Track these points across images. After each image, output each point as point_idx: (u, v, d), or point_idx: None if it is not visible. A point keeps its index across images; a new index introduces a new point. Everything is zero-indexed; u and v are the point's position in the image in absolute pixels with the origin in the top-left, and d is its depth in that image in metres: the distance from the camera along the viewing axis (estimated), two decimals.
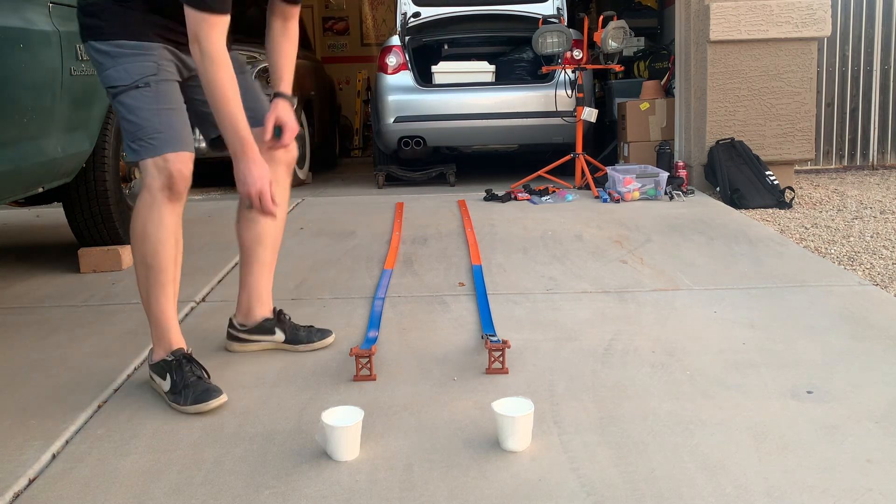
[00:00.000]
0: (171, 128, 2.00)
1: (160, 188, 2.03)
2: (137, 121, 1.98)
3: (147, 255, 2.00)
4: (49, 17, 2.83)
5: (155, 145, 1.98)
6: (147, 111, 1.98)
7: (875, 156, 6.18)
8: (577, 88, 5.17)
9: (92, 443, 1.81)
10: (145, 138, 1.99)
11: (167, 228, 2.02)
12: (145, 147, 1.99)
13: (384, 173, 5.80)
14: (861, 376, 2.07)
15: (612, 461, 1.67)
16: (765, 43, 4.94)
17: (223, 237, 3.84)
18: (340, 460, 1.70)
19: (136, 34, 2.00)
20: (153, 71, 2.00)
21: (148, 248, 2.00)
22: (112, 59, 1.99)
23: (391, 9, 9.75)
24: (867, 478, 1.58)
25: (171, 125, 2.00)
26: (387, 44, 5.83)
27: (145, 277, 2.02)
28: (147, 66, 2.00)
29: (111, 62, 2.00)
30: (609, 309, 2.65)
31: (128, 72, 1.98)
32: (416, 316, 2.64)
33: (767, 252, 3.33)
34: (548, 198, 4.64)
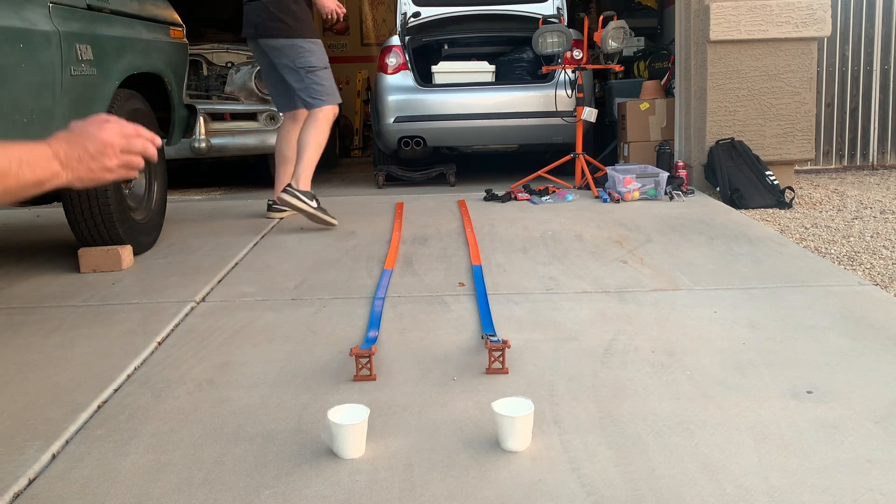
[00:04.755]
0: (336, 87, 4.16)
1: (334, 116, 4.10)
2: (329, 84, 4.07)
3: (321, 143, 4.02)
4: (49, 17, 2.83)
5: (335, 96, 4.10)
6: (331, 80, 4.11)
7: (875, 156, 6.18)
8: (577, 88, 5.17)
9: (92, 443, 1.81)
10: (333, 93, 4.09)
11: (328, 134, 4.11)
12: (333, 97, 4.08)
13: (384, 173, 5.80)
14: (861, 376, 2.07)
15: (612, 461, 1.67)
16: (765, 43, 4.94)
17: (223, 237, 3.85)
18: (347, 458, 1.70)
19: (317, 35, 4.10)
20: (328, 60, 4.10)
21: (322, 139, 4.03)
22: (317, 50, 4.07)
23: (391, 9, 9.75)
24: (867, 478, 1.58)
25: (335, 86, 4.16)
26: (387, 44, 5.83)
27: (317, 153, 4.02)
28: (325, 56, 4.10)
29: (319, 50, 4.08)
30: (609, 309, 2.65)
31: (322, 59, 4.08)
32: (416, 316, 2.64)
33: (767, 252, 3.33)
34: (548, 198, 4.64)
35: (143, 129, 1.25)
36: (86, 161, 1.20)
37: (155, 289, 3.01)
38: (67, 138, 1.20)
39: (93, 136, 1.20)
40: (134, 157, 1.23)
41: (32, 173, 1.15)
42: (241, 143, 5.66)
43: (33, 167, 1.15)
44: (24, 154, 1.15)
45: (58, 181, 1.19)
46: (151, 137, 1.25)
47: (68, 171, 1.19)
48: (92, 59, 3.03)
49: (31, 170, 1.15)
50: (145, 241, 3.58)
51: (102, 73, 3.13)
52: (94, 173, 1.21)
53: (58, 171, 1.18)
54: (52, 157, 1.18)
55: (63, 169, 1.18)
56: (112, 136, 1.21)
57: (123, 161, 1.21)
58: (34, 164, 1.15)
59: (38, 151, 1.17)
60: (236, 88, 5.71)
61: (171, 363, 2.28)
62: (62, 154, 1.18)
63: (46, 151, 1.18)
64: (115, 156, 1.21)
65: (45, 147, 1.18)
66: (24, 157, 1.14)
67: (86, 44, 3.00)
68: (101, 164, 1.20)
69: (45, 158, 1.17)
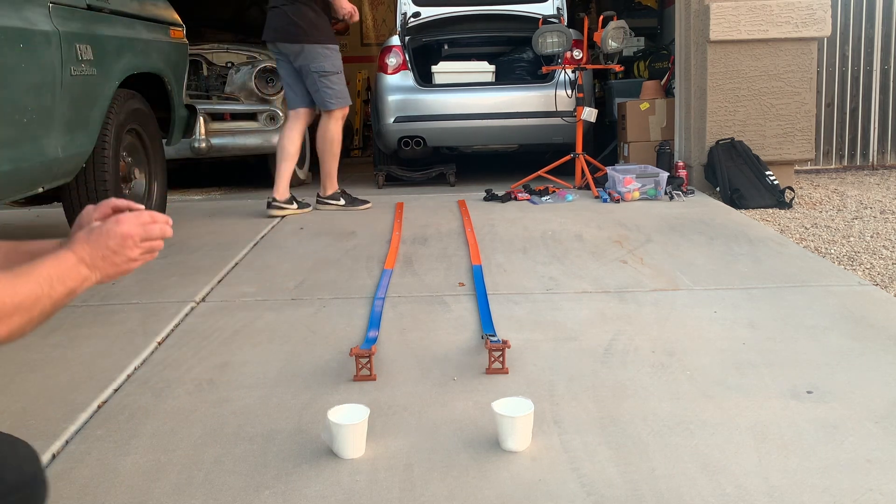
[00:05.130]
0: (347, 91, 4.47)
1: (342, 117, 4.49)
2: (339, 88, 4.39)
3: (335, 144, 4.48)
4: (49, 17, 2.83)
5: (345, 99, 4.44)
6: (343, 84, 4.42)
7: (875, 156, 6.17)
8: (577, 88, 5.17)
9: (92, 443, 1.81)
10: (343, 97, 4.42)
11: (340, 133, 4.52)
12: (342, 100, 4.42)
13: (384, 173, 5.79)
14: (861, 376, 2.07)
15: (612, 461, 1.67)
16: (765, 43, 4.94)
17: (223, 237, 3.85)
18: (347, 458, 1.70)
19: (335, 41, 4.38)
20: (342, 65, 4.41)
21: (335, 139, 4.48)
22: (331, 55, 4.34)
23: (391, 9, 9.75)
24: (867, 478, 1.58)
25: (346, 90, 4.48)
26: (387, 44, 5.83)
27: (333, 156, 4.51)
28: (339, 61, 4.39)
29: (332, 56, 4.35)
30: (609, 309, 2.65)
31: (335, 64, 4.35)
32: (416, 316, 2.63)
33: (767, 252, 3.33)
34: (548, 198, 4.64)
35: (157, 214, 1.28)
36: (110, 258, 1.21)
37: (155, 289, 3.01)
38: (87, 239, 1.21)
39: (111, 231, 1.21)
40: (154, 243, 1.26)
41: (64, 286, 1.16)
42: (241, 143, 5.66)
43: (64, 280, 1.16)
44: (52, 270, 1.16)
45: (87, 284, 1.21)
46: (166, 220, 1.28)
47: (95, 271, 1.21)
48: (92, 59, 3.04)
49: (63, 283, 1.16)
50: None
51: (102, 73, 3.13)
52: (119, 267, 1.23)
53: (87, 275, 1.20)
54: (79, 263, 1.19)
55: (91, 271, 1.20)
56: (130, 227, 1.22)
57: (145, 248, 1.24)
58: (64, 276, 1.17)
59: (64, 262, 1.18)
60: (236, 88, 5.71)
61: (171, 363, 2.28)
62: (87, 257, 1.20)
63: (71, 259, 1.19)
64: (137, 246, 1.23)
65: (69, 255, 1.19)
66: (53, 273, 1.15)
67: (86, 44, 3.00)
68: (125, 256, 1.22)
69: (73, 267, 1.18)
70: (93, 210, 1.33)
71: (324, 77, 4.33)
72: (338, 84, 4.37)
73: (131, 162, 3.56)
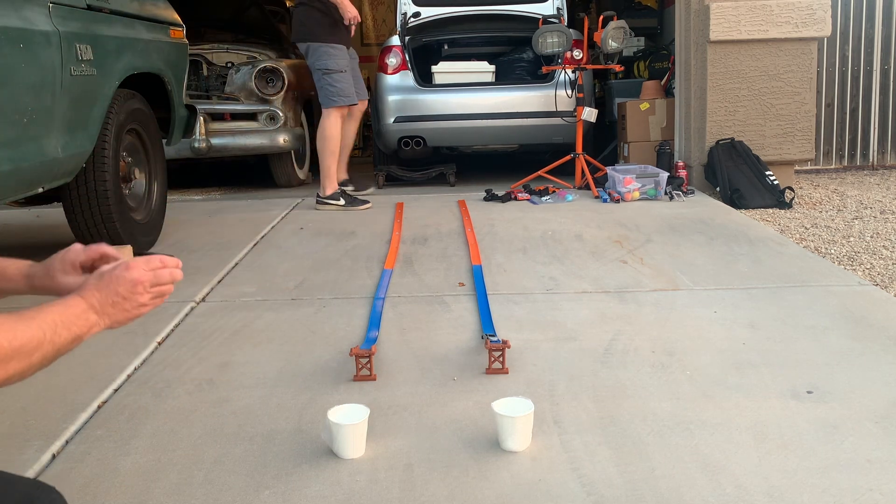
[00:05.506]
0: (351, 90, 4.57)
1: (342, 115, 4.57)
2: (340, 87, 4.49)
3: (330, 141, 4.55)
4: (49, 17, 2.83)
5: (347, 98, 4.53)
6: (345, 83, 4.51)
7: (875, 156, 6.17)
8: (577, 88, 5.17)
9: (92, 443, 1.81)
10: (343, 95, 4.51)
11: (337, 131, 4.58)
12: (342, 98, 4.51)
13: (384, 173, 5.79)
14: (861, 376, 2.07)
15: (612, 461, 1.67)
16: (765, 43, 4.94)
17: (223, 237, 3.85)
18: (347, 458, 1.70)
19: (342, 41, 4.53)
20: (346, 63, 4.53)
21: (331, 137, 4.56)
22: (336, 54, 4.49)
23: (391, 9, 9.75)
24: (867, 478, 1.58)
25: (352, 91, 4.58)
26: (387, 44, 5.83)
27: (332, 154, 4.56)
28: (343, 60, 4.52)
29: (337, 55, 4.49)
30: (609, 309, 2.65)
31: (338, 63, 4.48)
32: (416, 316, 2.64)
33: (767, 252, 3.33)
34: (548, 198, 4.64)
35: (167, 258, 1.27)
36: (120, 304, 1.21)
37: None
38: (98, 286, 1.21)
39: (122, 277, 1.21)
40: (164, 287, 1.25)
41: (69, 332, 1.16)
42: (241, 143, 5.66)
43: (69, 326, 1.16)
44: (58, 315, 1.15)
45: (95, 330, 1.20)
46: (176, 263, 1.27)
47: (104, 317, 1.20)
48: (92, 59, 3.03)
49: (68, 329, 1.15)
50: (145, 241, 3.58)
51: (102, 73, 3.13)
52: (129, 313, 1.23)
53: (94, 322, 1.19)
54: (88, 309, 1.18)
55: (99, 317, 1.19)
56: (140, 273, 1.22)
57: (155, 293, 1.23)
58: (70, 322, 1.16)
59: (72, 307, 1.17)
60: (236, 88, 5.71)
61: (171, 363, 2.28)
62: (97, 303, 1.19)
63: (80, 304, 1.18)
64: (147, 291, 1.23)
65: (77, 300, 1.18)
66: (59, 319, 1.14)
67: (86, 44, 3.00)
68: (136, 302, 1.22)
69: (81, 313, 1.18)
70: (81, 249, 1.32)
71: (326, 75, 4.49)
72: (339, 83, 4.49)
73: (131, 162, 3.56)
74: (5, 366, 1.06)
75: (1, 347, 1.05)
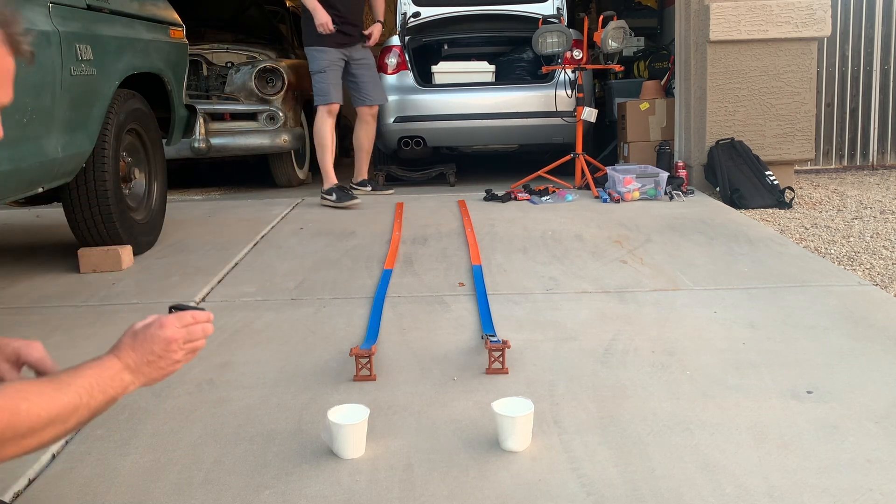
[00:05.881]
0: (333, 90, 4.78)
1: (327, 113, 4.78)
2: (320, 87, 4.76)
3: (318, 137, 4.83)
4: (49, 17, 2.83)
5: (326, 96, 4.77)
6: (325, 83, 4.74)
7: (875, 156, 6.17)
8: (577, 88, 5.17)
9: (92, 443, 1.81)
10: (323, 94, 4.75)
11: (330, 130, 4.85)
12: (322, 97, 4.77)
13: (384, 173, 5.79)
14: (861, 376, 2.07)
15: (612, 461, 1.67)
16: (765, 43, 4.94)
17: (223, 237, 3.85)
18: (347, 458, 1.70)
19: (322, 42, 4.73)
20: (327, 63, 4.73)
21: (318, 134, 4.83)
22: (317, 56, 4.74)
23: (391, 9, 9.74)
24: (867, 478, 1.58)
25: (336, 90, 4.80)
26: (387, 44, 5.83)
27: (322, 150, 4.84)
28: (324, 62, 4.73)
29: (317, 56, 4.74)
30: (609, 309, 2.65)
31: (318, 64, 4.74)
32: (416, 316, 2.64)
33: (767, 252, 3.33)
34: (548, 198, 4.64)
35: (197, 313, 1.28)
36: (155, 363, 1.22)
37: (155, 289, 3.01)
38: (132, 345, 1.21)
39: (156, 336, 1.22)
40: (197, 343, 1.26)
41: (104, 395, 1.16)
42: (241, 143, 5.66)
43: (104, 388, 1.16)
44: (94, 379, 1.15)
45: (129, 390, 1.21)
46: (207, 317, 1.27)
47: (139, 376, 1.21)
48: (92, 59, 3.03)
49: (103, 392, 1.16)
50: (145, 241, 3.58)
51: (102, 73, 3.13)
52: (163, 371, 1.24)
53: (129, 382, 1.20)
54: (123, 370, 1.19)
55: (134, 377, 1.20)
56: (174, 332, 1.23)
57: (188, 349, 1.24)
58: (105, 385, 1.16)
59: (107, 369, 1.18)
60: (236, 88, 5.71)
61: None
62: (132, 363, 1.20)
63: (116, 365, 1.19)
64: (181, 349, 1.24)
65: (113, 361, 1.19)
66: (95, 383, 1.15)
67: (86, 44, 3.00)
68: (170, 360, 1.23)
69: (116, 374, 1.18)
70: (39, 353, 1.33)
71: (312, 76, 4.83)
72: (319, 83, 4.79)
73: (131, 162, 3.56)
74: (41, 433, 1.07)
75: (39, 417, 1.06)
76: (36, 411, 1.05)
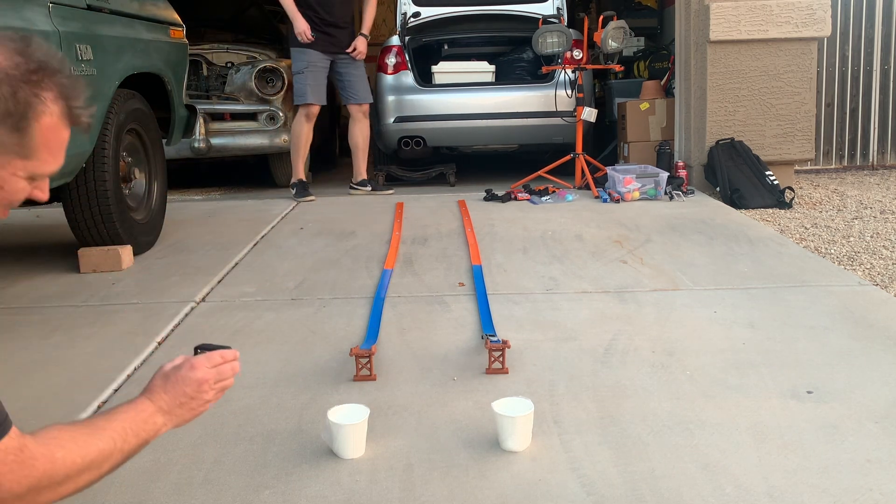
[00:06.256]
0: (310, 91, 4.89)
1: (305, 115, 4.93)
2: (297, 87, 4.90)
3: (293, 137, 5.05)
4: (49, 17, 2.83)
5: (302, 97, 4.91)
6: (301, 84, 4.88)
7: (875, 156, 6.17)
8: (577, 88, 5.16)
9: None
10: (300, 95, 4.89)
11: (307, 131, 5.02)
12: (299, 98, 4.91)
13: (384, 173, 5.79)
14: (861, 376, 2.07)
15: (612, 461, 1.67)
16: (765, 43, 4.94)
17: (223, 237, 3.85)
18: (347, 458, 1.70)
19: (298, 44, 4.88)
20: (305, 65, 4.86)
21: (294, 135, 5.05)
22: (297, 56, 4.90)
23: (391, 9, 9.74)
24: (867, 478, 1.58)
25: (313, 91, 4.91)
26: (387, 44, 5.83)
27: (295, 148, 5.04)
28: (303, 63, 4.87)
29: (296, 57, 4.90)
30: (609, 309, 2.65)
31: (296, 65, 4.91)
32: (416, 316, 2.63)
33: (767, 252, 3.33)
34: (548, 198, 4.64)
35: (226, 352, 1.29)
36: (187, 404, 1.23)
37: (155, 289, 3.01)
38: (164, 387, 1.22)
39: (187, 378, 1.23)
40: (226, 382, 1.27)
41: (137, 438, 1.17)
42: (241, 143, 5.66)
43: (138, 432, 1.17)
44: (128, 423, 1.16)
45: (161, 432, 1.22)
46: (234, 355, 1.28)
47: (171, 418, 1.22)
48: (92, 59, 3.03)
49: (137, 436, 1.17)
50: (145, 241, 3.58)
51: (102, 73, 3.13)
52: (195, 411, 1.25)
53: (162, 424, 1.21)
54: (156, 412, 1.20)
55: (166, 419, 1.22)
56: (204, 373, 1.24)
57: (218, 388, 1.25)
58: (138, 428, 1.17)
59: (141, 412, 1.18)
60: (236, 88, 5.71)
61: None
62: (164, 405, 1.21)
63: (149, 408, 1.20)
64: (211, 389, 1.25)
65: (146, 404, 1.20)
66: (129, 427, 1.16)
67: (86, 44, 3.00)
68: (201, 400, 1.25)
69: (149, 417, 1.19)
70: None
71: (293, 77, 5.02)
72: (296, 83, 4.97)
73: (131, 162, 3.56)
74: (77, 479, 1.08)
75: (75, 464, 1.07)
76: (72, 458, 1.07)
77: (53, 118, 1.06)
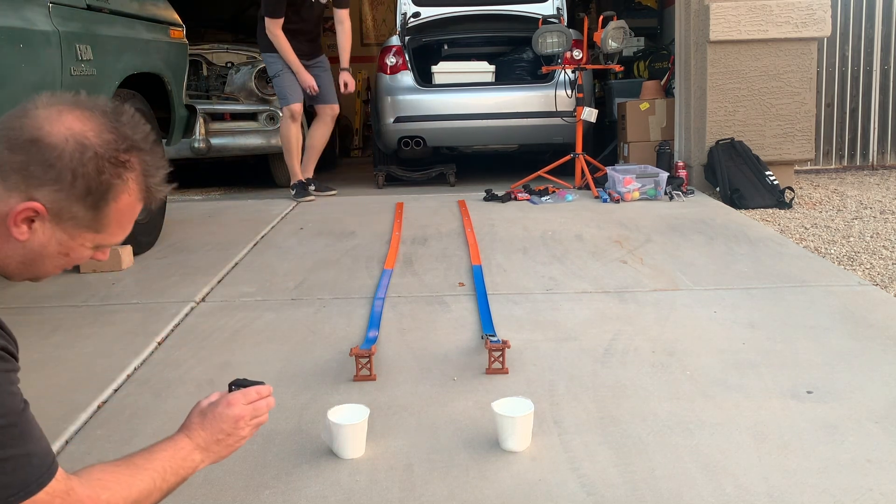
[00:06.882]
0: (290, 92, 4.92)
1: (290, 116, 4.92)
2: (279, 89, 4.96)
3: (283, 139, 5.01)
4: (49, 17, 2.83)
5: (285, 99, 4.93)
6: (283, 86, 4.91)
7: (875, 156, 6.17)
8: (577, 88, 5.16)
9: (92, 442, 1.81)
10: (283, 97, 4.94)
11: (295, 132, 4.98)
12: (283, 100, 4.94)
13: (384, 173, 5.79)
14: (861, 376, 2.07)
15: (612, 461, 1.67)
16: (765, 43, 4.94)
17: (223, 237, 3.84)
18: (347, 458, 1.70)
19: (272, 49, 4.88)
20: (281, 68, 4.87)
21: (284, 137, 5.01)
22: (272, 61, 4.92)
23: (391, 9, 9.75)
24: (867, 478, 1.58)
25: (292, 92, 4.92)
26: (387, 44, 5.83)
27: (287, 151, 5.00)
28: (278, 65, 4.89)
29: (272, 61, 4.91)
30: (609, 309, 2.65)
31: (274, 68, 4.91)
32: (416, 316, 2.64)
33: (767, 252, 3.33)
34: (548, 198, 4.64)
35: (261, 388, 1.29)
36: (224, 441, 1.24)
37: (155, 289, 3.01)
38: (202, 424, 1.23)
39: (224, 415, 1.24)
40: (262, 418, 1.29)
41: (176, 476, 1.18)
42: (241, 143, 5.66)
43: (177, 470, 1.18)
44: (168, 462, 1.17)
45: (199, 468, 1.22)
46: (269, 391, 1.29)
47: (209, 454, 1.23)
48: (92, 59, 3.03)
49: (175, 473, 1.17)
50: (145, 241, 3.58)
51: (102, 73, 3.13)
52: (231, 448, 1.26)
53: (199, 461, 1.22)
54: (194, 450, 1.21)
55: (204, 456, 1.22)
56: (241, 409, 1.25)
57: (253, 424, 1.26)
58: (177, 466, 1.18)
59: (180, 450, 1.19)
60: (236, 88, 5.71)
61: (171, 363, 2.28)
62: (202, 442, 1.22)
63: (187, 445, 1.21)
64: (248, 425, 1.26)
65: (185, 441, 1.21)
66: (168, 466, 1.16)
67: (86, 44, 3.00)
68: (237, 436, 1.25)
69: (188, 455, 1.20)
70: None
71: (272, 79, 5.03)
72: (278, 85, 4.98)
73: None
74: None
75: None
76: (115, 500, 1.07)
77: (132, 197, 1.08)
